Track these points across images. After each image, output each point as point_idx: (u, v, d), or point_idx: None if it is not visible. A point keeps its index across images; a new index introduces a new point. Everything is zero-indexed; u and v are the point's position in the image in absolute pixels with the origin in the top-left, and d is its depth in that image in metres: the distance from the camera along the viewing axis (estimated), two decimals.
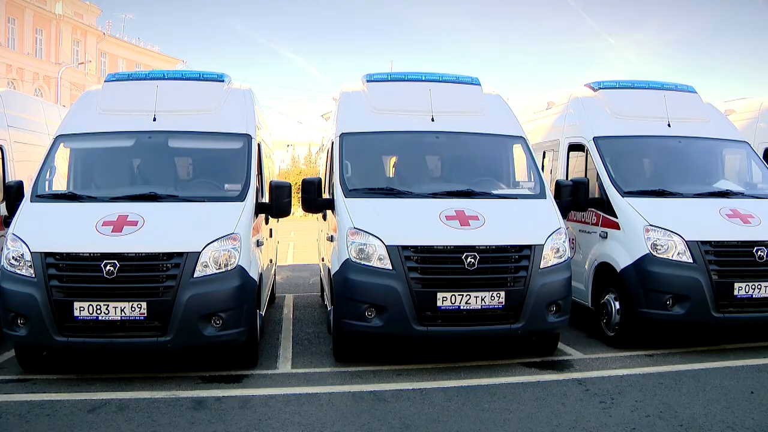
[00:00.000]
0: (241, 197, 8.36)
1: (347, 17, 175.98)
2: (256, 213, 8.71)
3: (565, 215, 9.14)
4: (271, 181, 9.17)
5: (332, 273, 8.42)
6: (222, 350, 8.10)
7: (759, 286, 8.74)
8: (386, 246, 7.80)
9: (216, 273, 7.52)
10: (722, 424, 6.44)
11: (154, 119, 9.11)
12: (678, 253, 8.74)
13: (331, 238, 9.03)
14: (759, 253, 8.77)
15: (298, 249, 23.92)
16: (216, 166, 9.21)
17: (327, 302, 9.73)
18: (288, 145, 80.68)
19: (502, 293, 7.83)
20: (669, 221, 8.96)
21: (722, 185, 10.19)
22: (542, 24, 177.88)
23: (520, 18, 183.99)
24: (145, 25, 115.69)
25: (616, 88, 11.23)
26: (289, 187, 8.92)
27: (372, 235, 7.90)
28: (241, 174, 8.69)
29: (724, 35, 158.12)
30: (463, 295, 7.75)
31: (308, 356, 8.93)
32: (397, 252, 7.78)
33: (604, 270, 9.61)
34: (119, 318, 7.25)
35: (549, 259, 8.14)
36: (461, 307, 7.77)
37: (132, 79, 9.90)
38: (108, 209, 7.88)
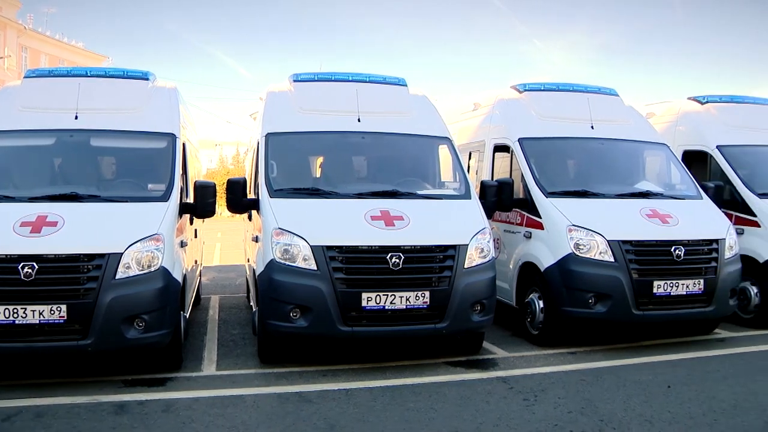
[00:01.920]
0: (164, 197, 8.23)
1: (277, 17, 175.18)
2: (181, 213, 8.58)
3: (490, 215, 9.25)
4: (195, 181, 9.07)
5: (257, 274, 8.36)
6: (145, 353, 7.94)
7: (676, 284, 9.00)
8: (311, 246, 7.78)
9: (139, 274, 7.38)
10: (641, 417, 6.61)
11: (76, 117, 8.91)
12: (600, 253, 8.92)
13: (256, 239, 8.98)
14: (677, 252, 9.02)
15: (225, 250, 23.68)
16: (139, 166, 9.03)
17: (253, 303, 9.68)
18: (216, 145, 79.84)
19: (427, 293, 7.88)
20: (591, 221, 9.13)
21: (643, 186, 10.43)
22: (471, 26, 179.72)
23: (449, 20, 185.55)
24: (69, 21, 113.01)
25: (541, 90, 11.40)
26: (213, 187, 8.84)
27: (297, 235, 7.87)
28: (165, 174, 8.55)
29: (647, 40, 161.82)
30: (388, 295, 7.78)
31: (233, 358, 8.84)
32: (321, 252, 7.76)
33: (528, 269, 9.74)
34: (37, 322, 7.03)
35: (473, 258, 8.21)
36: (386, 307, 7.79)
37: (53, 76, 9.66)
38: (26, 210, 7.64)
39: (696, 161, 12.02)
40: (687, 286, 9.09)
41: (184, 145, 9.36)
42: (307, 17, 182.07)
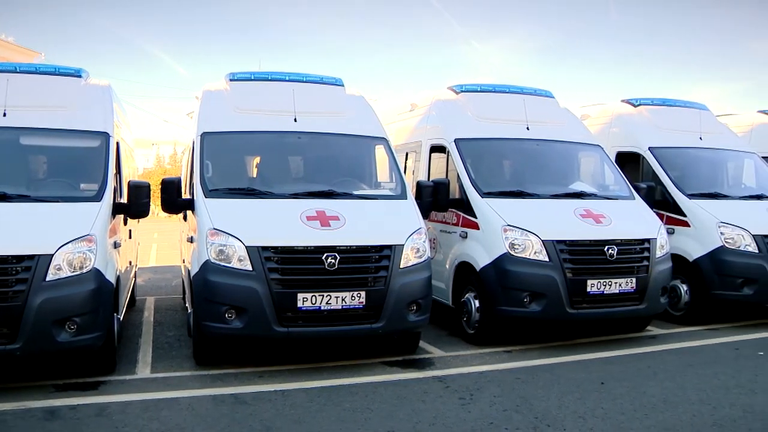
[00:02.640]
0: (97, 197, 8.08)
1: (215, 15, 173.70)
2: (114, 213, 8.44)
3: (426, 215, 9.29)
4: (129, 181, 8.92)
5: (192, 274, 8.27)
6: (77, 356, 7.78)
7: (609, 283, 9.15)
8: (246, 247, 7.72)
9: (70, 276, 7.23)
10: (574, 414, 6.69)
11: (5, 114, 8.67)
12: (534, 252, 9.02)
13: (191, 239, 8.88)
14: (610, 251, 9.17)
15: (162, 250, 23.39)
16: (71, 165, 8.82)
17: (188, 304, 9.58)
18: (153, 144, 78.61)
19: (363, 293, 7.89)
20: (526, 221, 9.22)
21: (577, 187, 10.59)
22: (410, 27, 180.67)
23: (388, 21, 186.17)
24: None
25: (477, 91, 11.49)
26: (147, 187, 8.71)
27: (232, 235, 7.80)
28: (98, 173, 8.39)
29: (583, 43, 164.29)
30: (323, 296, 7.76)
31: (168, 360, 8.73)
32: (257, 253, 7.70)
33: (464, 269, 9.80)
34: None
35: (409, 258, 8.24)
36: (322, 308, 7.78)
37: None
38: None
39: (629, 162, 12.25)
40: (620, 285, 9.24)
41: (118, 144, 9.21)
42: (245, 15, 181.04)
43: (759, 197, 11.92)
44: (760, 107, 15.45)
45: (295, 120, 9.58)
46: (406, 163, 11.84)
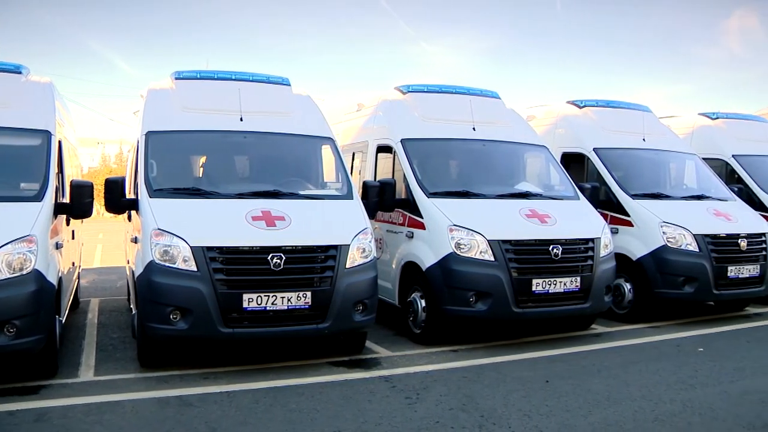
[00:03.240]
0: (38, 197, 7.91)
1: (163, 14, 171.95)
2: (56, 214, 8.28)
3: (372, 216, 9.30)
4: (71, 181, 8.76)
5: (136, 275, 8.16)
6: (17, 360, 7.62)
7: (554, 282, 9.25)
8: (191, 247, 7.64)
9: (9, 278, 7.07)
10: (520, 412, 6.74)
11: None
12: (480, 252, 9.07)
13: (135, 240, 8.76)
14: (554, 251, 9.26)
15: (107, 251, 23.10)
16: (11, 164, 8.60)
17: (133, 306, 9.45)
18: (98, 143, 77.53)
19: (309, 293, 7.86)
20: (472, 221, 9.28)
21: (522, 187, 10.69)
22: (359, 27, 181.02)
23: (336, 21, 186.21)
24: None
25: (424, 91, 11.53)
26: (90, 186, 8.56)
27: (176, 236, 7.72)
28: (39, 172, 8.22)
29: (530, 45, 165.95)
30: (269, 296, 7.72)
31: (112, 362, 8.60)
32: (202, 253, 7.63)
33: (410, 269, 9.82)
34: None
35: (355, 258, 8.24)
36: (267, 308, 7.73)
37: None
38: None
39: (574, 163, 12.41)
40: (564, 284, 9.35)
41: (60, 142, 9.04)
42: (193, 14, 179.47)
43: (699, 197, 12.18)
44: (701, 110, 15.75)
45: (241, 119, 9.52)
46: (352, 163, 11.84)
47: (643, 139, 12.88)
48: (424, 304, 9.49)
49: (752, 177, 13.66)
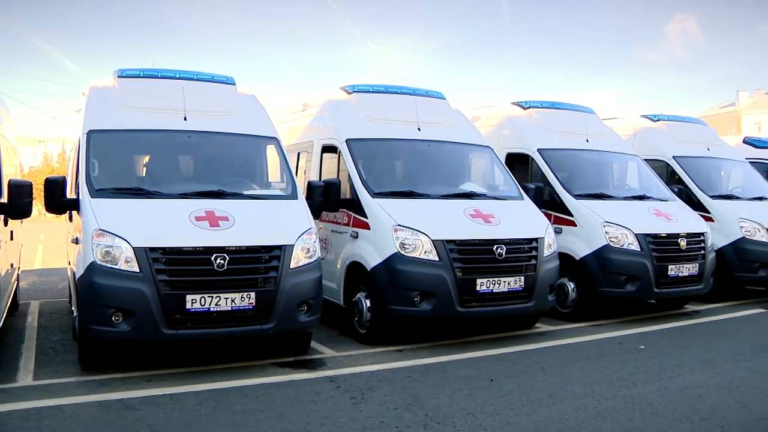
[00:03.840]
0: None
1: (107, 10, 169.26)
2: None
3: (317, 216, 9.27)
4: (9, 180, 8.59)
5: (77, 277, 8.03)
6: None
7: (498, 282, 9.31)
8: (133, 248, 7.54)
9: None
10: (464, 411, 6.77)
11: None
12: (425, 252, 9.09)
13: (76, 240, 8.61)
14: (498, 250, 9.32)
15: (48, 252, 22.74)
16: None
17: (74, 308, 9.29)
18: (40, 142, 76.33)
19: (253, 294, 7.81)
20: (416, 221, 9.30)
21: (467, 187, 10.75)
22: (305, 27, 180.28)
23: (283, 20, 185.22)
24: None
25: (369, 92, 11.53)
26: (29, 186, 8.39)
27: (118, 236, 7.61)
28: None
29: (477, 45, 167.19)
30: (213, 297, 7.66)
31: (53, 366, 8.43)
32: (144, 254, 7.53)
33: (355, 269, 9.82)
34: None
35: (299, 259, 8.21)
36: (211, 309, 7.66)
37: None
38: None
39: (519, 163, 12.54)
40: (508, 284, 9.42)
41: None
42: (138, 12, 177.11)
43: (641, 198, 12.40)
44: (643, 112, 16.02)
45: (185, 119, 9.42)
46: (297, 163, 11.79)
47: (587, 140, 13.05)
48: (369, 304, 9.49)
49: (691, 178, 13.94)
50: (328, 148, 10.94)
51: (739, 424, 6.50)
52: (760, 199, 14.37)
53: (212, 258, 7.70)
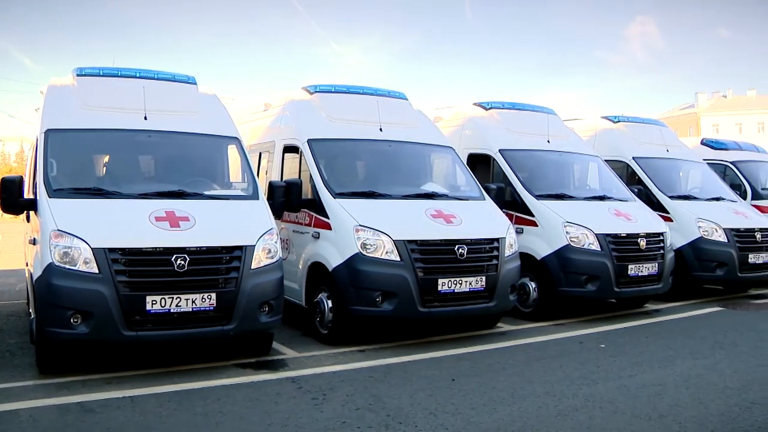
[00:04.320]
0: None
1: (67, 8, 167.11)
2: None
3: (278, 216, 9.25)
4: None
5: (35, 278, 7.88)
6: None
7: (460, 282, 9.34)
8: (92, 248, 7.45)
9: None
10: (426, 411, 6.78)
11: None
12: (386, 252, 9.10)
13: (33, 241, 8.47)
14: (460, 251, 9.35)
15: (5, 253, 22.40)
16: None
17: (32, 309, 9.17)
18: None
19: (213, 295, 7.77)
20: (378, 221, 9.29)
21: (429, 188, 10.78)
22: (268, 27, 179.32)
23: (245, 19, 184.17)
24: None
25: (331, 92, 11.50)
26: None
27: (77, 237, 7.51)
28: None
29: (439, 46, 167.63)
30: (173, 298, 7.59)
31: (9, 370, 8.29)
32: (103, 255, 7.44)
33: (317, 269, 9.79)
34: None
35: (261, 259, 8.17)
36: (171, 310, 7.60)
37: None
38: None
39: (480, 164, 12.60)
40: (470, 284, 9.45)
41: None
42: (100, 10, 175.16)
43: (602, 198, 12.53)
44: (604, 113, 16.17)
45: (146, 118, 9.33)
46: (259, 163, 11.73)
47: (548, 141, 13.14)
48: (330, 304, 9.47)
49: (651, 178, 14.11)
50: (290, 149, 10.89)
51: (696, 420, 6.59)
52: (718, 199, 14.60)
53: (172, 259, 7.64)
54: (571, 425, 6.43)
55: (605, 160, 13.88)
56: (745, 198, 16.13)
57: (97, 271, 7.44)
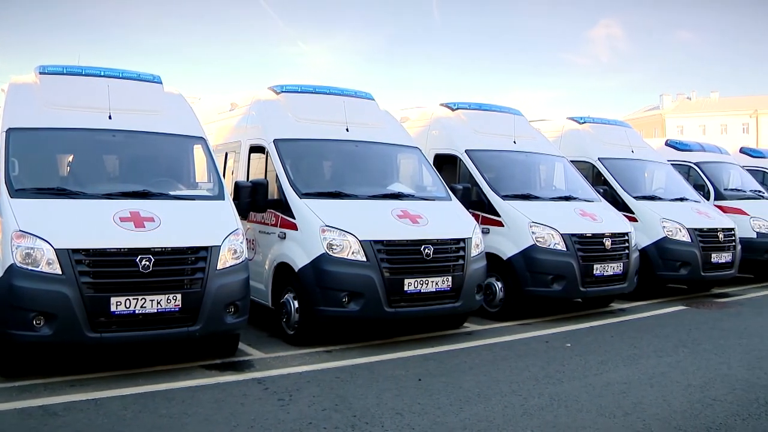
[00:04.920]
0: None
1: (29, 4, 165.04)
2: None
3: (244, 216, 9.23)
4: None
5: None
6: None
7: (426, 282, 9.36)
8: (55, 249, 7.35)
9: None
10: (392, 411, 6.79)
11: None
12: (352, 253, 9.09)
13: None
14: (426, 251, 9.37)
15: None
16: None
17: None
18: None
19: (179, 296, 7.71)
20: (344, 222, 9.28)
21: (395, 188, 10.79)
22: (235, 26, 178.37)
23: (212, 18, 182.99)
24: None
25: (298, 92, 11.45)
26: None
27: (40, 238, 7.41)
28: None
29: (407, 46, 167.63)
30: (138, 299, 7.52)
31: None
32: (67, 255, 7.35)
33: (283, 270, 9.75)
34: None
35: (226, 260, 8.12)
36: (136, 311, 7.53)
37: None
38: None
39: (447, 164, 12.62)
40: (436, 284, 9.47)
41: None
42: (61, 6, 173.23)
43: (567, 198, 12.60)
44: (570, 114, 16.28)
45: (110, 117, 9.22)
46: (225, 163, 11.68)
47: (514, 142, 13.21)
48: (297, 305, 9.44)
49: (616, 179, 14.24)
50: (256, 149, 10.85)
51: (660, 417, 6.67)
52: (681, 199, 14.77)
53: (137, 259, 7.57)
54: (537, 424, 6.48)
55: (571, 161, 13.96)
56: (708, 198, 16.29)
57: (60, 272, 7.35)
